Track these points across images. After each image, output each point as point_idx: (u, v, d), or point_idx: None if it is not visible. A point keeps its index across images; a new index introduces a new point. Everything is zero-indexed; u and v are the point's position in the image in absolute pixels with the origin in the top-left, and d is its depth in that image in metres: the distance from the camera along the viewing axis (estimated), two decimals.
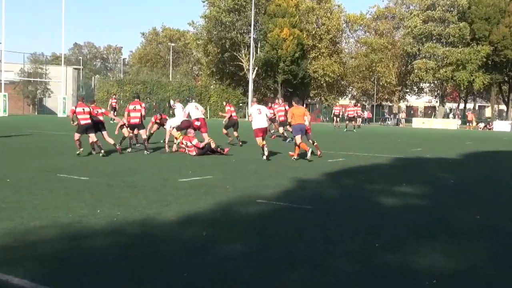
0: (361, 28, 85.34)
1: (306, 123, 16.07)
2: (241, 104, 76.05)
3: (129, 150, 17.27)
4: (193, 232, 6.51)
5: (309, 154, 15.30)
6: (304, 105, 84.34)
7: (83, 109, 15.92)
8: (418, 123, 65.23)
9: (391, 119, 77.41)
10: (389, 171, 14.07)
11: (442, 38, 70.80)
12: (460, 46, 68.47)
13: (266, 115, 16.75)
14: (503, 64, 69.36)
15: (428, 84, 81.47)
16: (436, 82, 77.06)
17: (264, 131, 16.43)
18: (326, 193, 9.86)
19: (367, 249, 6.01)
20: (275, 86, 76.98)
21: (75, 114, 16.04)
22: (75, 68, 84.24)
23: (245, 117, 70.67)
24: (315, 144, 16.76)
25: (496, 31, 66.26)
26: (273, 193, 9.51)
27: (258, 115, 16.49)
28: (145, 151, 16.74)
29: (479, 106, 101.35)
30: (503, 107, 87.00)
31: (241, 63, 77.40)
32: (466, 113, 71.61)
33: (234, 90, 78.02)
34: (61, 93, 64.68)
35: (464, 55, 66.88)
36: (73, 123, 16.22)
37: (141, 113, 17.45)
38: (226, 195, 9.15)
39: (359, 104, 50.21)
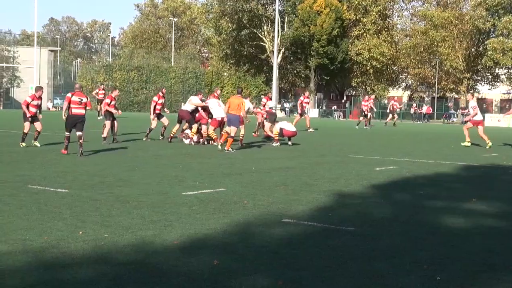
0: None
1: (242, 114, 20.51)
2: (262, 96, 76.11)
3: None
4: (202, 261, 6.51)
5: (219, 146, 19.80)
6: (344, 98, 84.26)
7: None
8: (493, 120, 64.71)
9: (457, 115, 76.95)
10: (455, 183, 13.97)
11: None
12: None
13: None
14: None
15: (506, 70, 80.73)
16: None
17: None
18: (374, 211, 9.81)
19: (427, 285, 5.97)
20: (307, 72, 77.00)
21: None
22: (51, 50, 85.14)
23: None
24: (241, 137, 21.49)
25: None
26: (305, 211, 9.49)
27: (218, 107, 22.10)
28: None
29: None
30: None
31: (263, 43, 77.55)
32: None
33: (254, 77, 78.11)
34: (34, 82, 65.31)
35: None
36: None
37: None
38: (244, 213, 9.15)
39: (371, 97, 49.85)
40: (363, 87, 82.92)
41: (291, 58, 79.71)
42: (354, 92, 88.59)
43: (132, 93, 71.69)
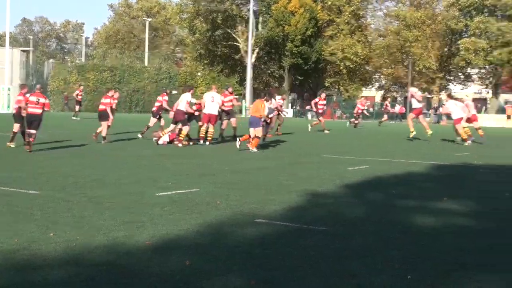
0: None
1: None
2: (236, 96, 76.02)
3: None
4: (174, 262, 6.51)
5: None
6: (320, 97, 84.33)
7: None
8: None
9: (429, 114, 77.36)
10: (427, 182, 14.08)
11: (497, 10, 70.71)
12: None
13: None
14: None
15: (477, 70, 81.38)
16: (488, 67, 76.94)
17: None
18: (346, 211, 9.86)
19: (398, 284, 6.01)
20: (281, 72, 77.14)
21: None
22: (24, 51, 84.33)
23: (241, 112, 70.74)
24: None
25: None
26: (278, 211, 9.51)
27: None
28: None
29: None
30: None
31: (237, 44, 77.61)
32: (505, 107, 70.95)
33: (228, 77, 78.10)
34: (5, 83, 64.68)
35: None
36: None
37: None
38: (217, 214, 9.16)
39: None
40: (337, 87, 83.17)
41: (265, 58, 79.82)
42: (327, 92, 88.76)
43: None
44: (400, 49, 79.61)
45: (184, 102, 22.53)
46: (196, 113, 23.12)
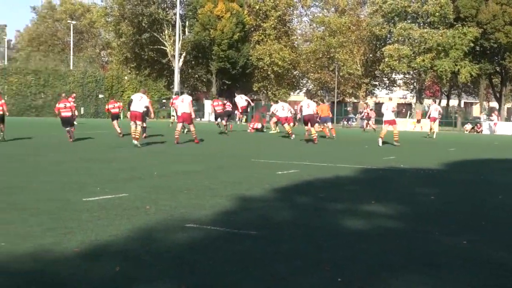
0: (317, 3, 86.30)
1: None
2: (164, 100, 75.79)
3: None
4: (103, 268, 6.40)
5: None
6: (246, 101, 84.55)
7: None
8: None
9: (356, 119, 78.50)
10: (355, 186, 14.22)
11: (419, 18, 72.29)
12: (441, 28, 69.92)
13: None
14: (493, 50, 71.22)
15: (401, 76, 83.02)
16: (411, 73, 78.56)
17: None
18: (275, 215, 9.87)
19: (328, 286, 6.04)
20: (209, 77, 77.12)
21: None
22: None
23: (169, 117, 70.37)
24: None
25: (485, 9, 68.05)
26: (208, 216, 9.47)
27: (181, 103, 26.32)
28: None
29: (465, 103, 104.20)
30: (494, 104, 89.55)
31: (164, 48, 77.20)
32: (416, 111, 72.53)
33: (155, 81, 77.77)
34: None
35: (446, 39, 68.15)
36: None
37: None
38: (146, 219, 9.06)
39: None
40: (265, 92, 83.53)
41: (193, 62, 79.63)
42: (255, 97, 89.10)
43: (29, 97, 69.91)
44: (326, 54, 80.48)
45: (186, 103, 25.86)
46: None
